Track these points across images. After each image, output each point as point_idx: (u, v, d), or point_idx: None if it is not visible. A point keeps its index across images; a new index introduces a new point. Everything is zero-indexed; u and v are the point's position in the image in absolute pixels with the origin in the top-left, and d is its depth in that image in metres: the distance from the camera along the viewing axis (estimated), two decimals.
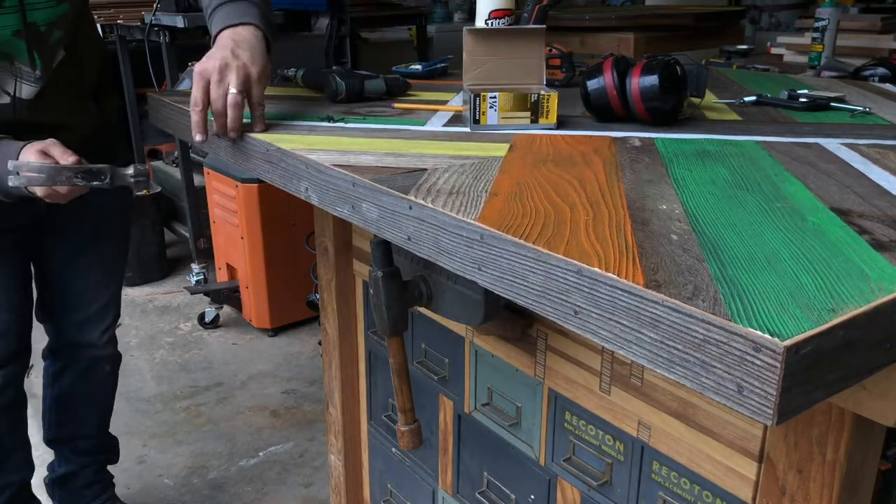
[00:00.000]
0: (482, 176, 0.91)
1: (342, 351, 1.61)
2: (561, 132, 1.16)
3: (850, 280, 0.60)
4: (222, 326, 3.11)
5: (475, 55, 1.25)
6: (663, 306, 0.57)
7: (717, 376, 0.54)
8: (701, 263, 0.64)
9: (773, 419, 0.51)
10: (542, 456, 1.17)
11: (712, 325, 0.54)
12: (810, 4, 4.23)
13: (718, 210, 0.78)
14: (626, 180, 0.89)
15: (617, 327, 0.61)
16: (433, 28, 4.72)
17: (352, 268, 1.56)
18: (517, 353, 1.17)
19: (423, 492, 1.49)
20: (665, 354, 0.58)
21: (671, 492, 0.97)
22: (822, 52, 2.44)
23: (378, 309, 1.11)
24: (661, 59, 1.16)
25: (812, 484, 0.79)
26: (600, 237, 0.70)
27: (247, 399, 2.58)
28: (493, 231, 0.72)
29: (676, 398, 0.93)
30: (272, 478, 2.18)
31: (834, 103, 1.34)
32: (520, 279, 0.70)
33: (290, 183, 1.05)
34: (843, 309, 0.55)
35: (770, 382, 0.51)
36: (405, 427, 1.15)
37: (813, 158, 1.00)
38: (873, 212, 0.78)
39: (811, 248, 0.68)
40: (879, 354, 0.58)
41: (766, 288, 0.59)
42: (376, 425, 1.62)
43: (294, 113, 1.32)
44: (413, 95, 1.51)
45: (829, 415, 0.76)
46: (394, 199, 0.85)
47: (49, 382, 1.77)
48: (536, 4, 1.46)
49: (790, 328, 0.52)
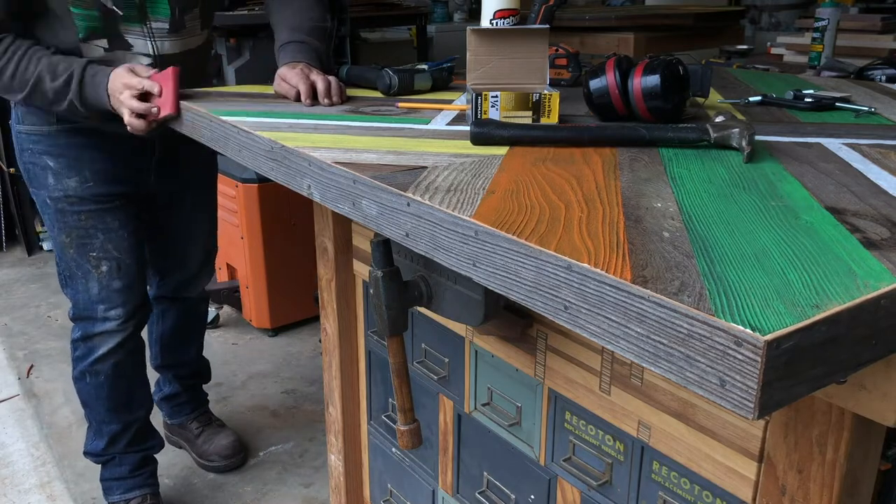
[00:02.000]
0: (481, 174, 0.92)
1: (342, 351, 1.61)
2: None
3: (836, 277, 0.61)
4: (222, 326, 3.11)
5: (479, 55, 1.25)
6: (649, 301, 0.58)
7: (701, 370, 0.55)
8: (690, 260, 0.64)
9: (755, 413, 0.52)
10: (542, 456, 1.17)
11: (696, 320, 0.55)
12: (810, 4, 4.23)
13: (713, 208, 0.79)
14: (623, 178, 0.90)
15: (605, 322, 0.62)
16: (433, 28, 4.72)
17: (352, 268, 1.56)
18: (517, 353, 1.17)
19: (423, 492, 1.49)
20: (651, 349, 0.58)
21: (671, 492, 0.97)
22: (822, 52, 2.44)
23: (378, 309, 1.11)
24: (663, 58, 1.16)
25: (812, 484, 0.79)
26: (593, 234, 0.70)
27: (247, 399, 2.58)
28: (487, 228, 0.73)
29: (676, 398, 0.93)
30: (272, 478, 2.18)
31: (839, 103, 1.34)
32: (513, 275, 0.70)
33: (294, 180, 1.06)
34: (828, 305, 0.55)
35: (751, 376, 0.52)
36: (405, 427, 1.15)
37: (813, 158, 1.00)
38: (868, 210, 0.78)
39: (802, 245, 0.68)
40: (865, 351, 0.58)
41: (752, 284, 0.59)
42: (376, 425, 1.61)
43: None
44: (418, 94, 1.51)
45: (829, 415, 0.76)
46: (392, 196, 0.85)
47: (154, 321, 2.11)
48: (543, 4, 1.46)
49: (772, 323, 0.53)
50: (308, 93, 1.41)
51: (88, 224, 1.68)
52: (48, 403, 2.54)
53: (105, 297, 1.73)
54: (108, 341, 1.76)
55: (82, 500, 2.06)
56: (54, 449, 2.29)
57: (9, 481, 2.15)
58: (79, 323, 1.78)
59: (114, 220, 1.70)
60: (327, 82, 1.43)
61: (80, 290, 1.73)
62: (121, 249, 1.72)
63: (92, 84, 1.46)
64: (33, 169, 1.67)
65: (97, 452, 1.93)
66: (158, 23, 1.55)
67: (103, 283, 1.72)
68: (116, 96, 1.43)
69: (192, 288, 2.07)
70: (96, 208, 1.68)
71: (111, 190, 1.69)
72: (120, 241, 1.71)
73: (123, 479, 1.95)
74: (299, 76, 1.43)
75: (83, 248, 1.69)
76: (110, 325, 1.75)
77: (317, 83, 1.42)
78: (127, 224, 1.73)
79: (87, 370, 1.80)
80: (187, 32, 1.61)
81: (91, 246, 1.69)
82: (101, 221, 1.69)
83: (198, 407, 2.27)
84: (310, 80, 1.43)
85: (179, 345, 2.15)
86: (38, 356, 2.85)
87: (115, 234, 1.70)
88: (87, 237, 1.69)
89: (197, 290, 2.10)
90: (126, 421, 1.89)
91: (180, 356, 2.17)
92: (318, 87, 1.42)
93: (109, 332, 1.75)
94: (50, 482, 2.15)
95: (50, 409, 2.50)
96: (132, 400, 1.89)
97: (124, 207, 1.72)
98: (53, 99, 1.48)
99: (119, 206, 1.71)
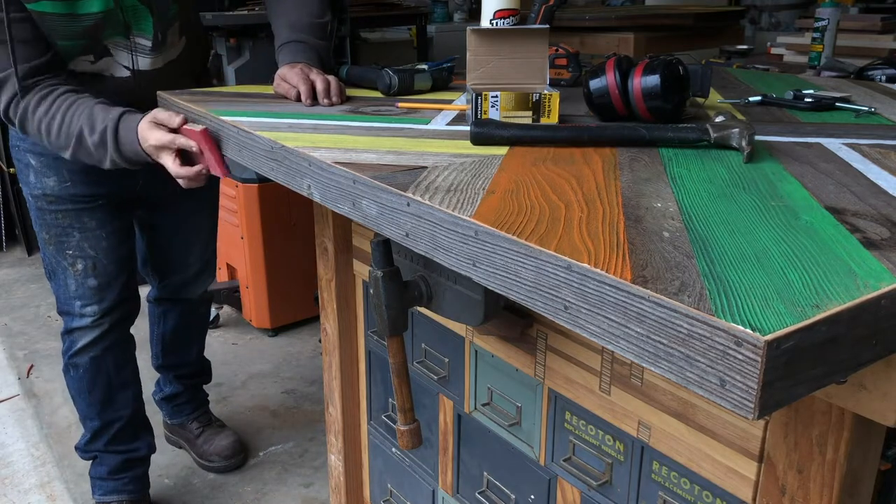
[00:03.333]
0: (481, 174, 0.91)
1: (342, 351, 1.61)
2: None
3: (837, 277, 0.61)
4: (222, 326, 3.11)
5: (479, 55, 1.24)
6: (649, 301, 0.58)
7: (701, 370, 0.55)
8: (690, 260, 0.64)
9: (755, 413, 0.52)
10: (542, 456, 1.17)
11: (696, 320, 0.55)
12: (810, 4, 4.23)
13: (713, 208, 0.79)
14: (623, 178, 0.90)
15: (605, 322, 0.62)
16: (433, 28, 4.71)
17: (352, 268, 1.56)
18: (517, 353, 1.17)
19: (423, 492, 1.49)
20: (651, 349, 0.58)
21: (671, 492, 0.97)
22: (822, 52, 2.44)
23: (378, 309, 1.11)
24: (663, 58, 1.16)
25: (812, 484, 0.79)
26: (593, 234, 0.70)
27: (247, 399, 2.58)
28: (487, 228, 0.73)
29: (676, 398, 0.93)
30: (272, 478, 2.18)
31: (839, 103, 1.34)
32: (512, 275, 0.70)
33: (294, 180, 1.06)
34: (828, 305, 0.55)
35: (751, 376, 0.52)
36: (405, 427, 1.15)
37: (813, 158, 1.00)
38: (868, 210, 0.78)
39: (802, 245, 0.68)
40: (865, 351, 0.58)
41: (752, 284, 0.59)
42: (376, 425, 1.61)
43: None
44: (418, 94, 1.51)
45: (829, 415, 0.76)
46: (392, 195, 0.85)
47: (155, 321, 2.12)
48: (543, 4, 1.46)
49: (772, 323, 0.52)
50: (308, 93, 1.41)
51: (65, 223, 1.68)
52: (48, 403, 2.54)
53: (81, 294, 1.74)
54: (84, 336, 1.78)
55: (82, 500, 2.06)
56: (54, 449, 2.29)
57: (9, 481, 2.15)
58: (63, 317, 1.80)
59: (91, 219, 1.69)
60: (327, 82, 1.43)
61: (60, 285, 1.75)
62: (97, 249, 1.71)
63: (126, 140, 1.41)
64: (19, 165, 1.69)
65: (81, 447, 1.95)
66: (142, 39, 1.55)
67: (79, 280, 1.73)
68: (155, 157, 1.40)
69: (192, 290, 2.07)
70: (73, 208, 1.67)
71: (90, 191, 1.68)
72: (97, 240, 1.71)
73: (103, 479, 1.95)
74: (299, 76, 1.43)
75: (60, 245, 1.70)
76: (86, 320, 1.77)
77: (316, 83, 1.42)
78: (106, 224, 1.72)
79: (69, 363, 1.83)
80: (167, 47, 1.61)
81: (67, 244, 1.70)
82: (77, 221, 1.69)
83: (198, 407, 2.27)
84: (309, 80, 1.43)
85: (181, 345, 2.16)
86: (38, 356, 2.85)
87: (91, 233, 1.70)
88: (64, 236, 1.69)
89: (197, 292, 2.10)
90: (107, 419, 1.89)
91: (181, 357, 2.18)
92: (317, 88, 1.42)
93: (85, 327, 1.77)
94: (50, 482, 2.15)
95: (50, 409, 2.51)
96: (113, 398, 1.88)
97: (105, 207, 1.71)
98: (96, 154, 1.45)
99: (99, 206, 1.70)
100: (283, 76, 1.47)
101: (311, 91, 1.42)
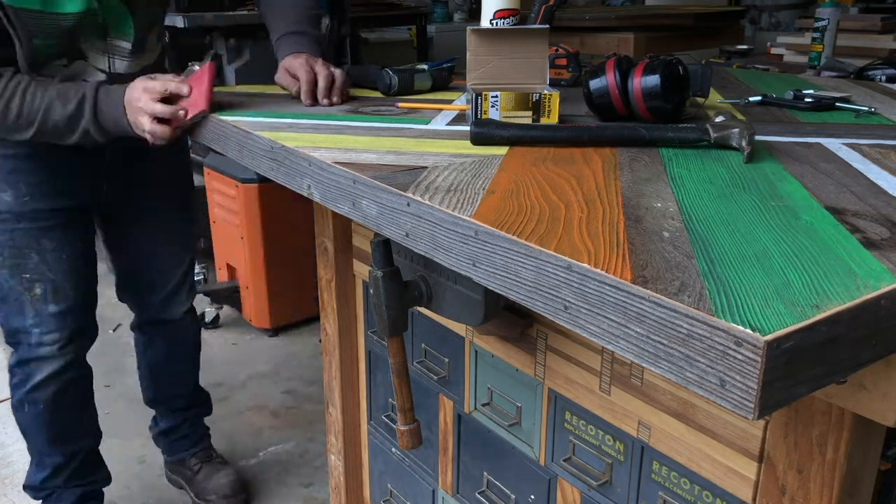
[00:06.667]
0: (481, 174, 0.91)
1: (342, 351, 1.61)
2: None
3: (837, 277, 0.61)
4: (222, 326, 3.11)
5: (479, 55, 1.24)
6: (649, 301, 0.58)
7: (701, 370, 0.55)
8: (690, 260, 0.64)
9: (755, 413, 0.52)
10: (542, 456, 1.17)
11: (696, 320, 0.55)
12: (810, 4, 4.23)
13: (713, 208, 0.79)
14: (623, 178, 0.90)
15: (605, 322, 0.62)
16: (433, 28, 4.72)
17: (352, 268, 1.56)
18: (517, 353, 1.17)
19: (423, 492, 1.49)
20: (651, 349, 0.58)
21: (671, 492, 0.97)
22: (822, 52, 2.44)
23: (378, 309, 1.11)
24: (663, 58, 1.16)
25: (812, 484, 0.79)
26: (593, 234, 0.70)
27: (247, 399, 2.58)
28: (487, 228, 0.73)
29: (676, 398, 0.93)
30: (272, 478, 2.18)
31: (839, 103, 1.34)
32: (512, 275, 0.70)
33: (294, 180, 1.06)
34: (828, 305, 0.55)
35: (751, 376, 0.52)
36: (405, 427, 1.15)
37: (813, 158, 1.00)
38: (868, 210, 0.78)
39: (802, 245, 0.68)
40: (865, 351, 0.58)
41: (752, 284, 0.59)
42: (376, 425, 1.61)
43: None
44: (418, 94, 1.51)
45: (829, 415, 0.76)
46: (392, 195, 0.85)
47: (142, 351, 1.97)
48: (543, 4, 1.46)
49: (772, 323, 0.53)
50: (309, 90, 1.39)
51: (22, 244, 1.54)
52: None
53: (40, 322, 1.59)
54: (44, 367, 1.63)
55: None
56: None
57: (9, 481, 2.15)
58: (14, 347, 1.65)
59: (51, 240, 1.56)
60: (330, 78, 1.40)
61: (13, 311, 1.59)
62: (57, 272, 1.58)
63: (107, 101, 1.35)
64: None
65: (35, 486, 1.80)
66: (121, 41, 1.47)
67: (37, 307, 1.58)
68: (134, 104, 1.32)
69: (172, 308, 1.88)
70: (32, 227, 1.54)
71: (51, 205, 1.54)
72: (57, 262, 1.57)
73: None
74: (304, 68, 1.40)
75: (16, 268, 1.56)
76: (45, 349, 1.62)
77: (319, 78, 1.39)
78: (66, 245, 1.58)
79: (25, 398, 1.67)
80: (146, 51, 1.55)
81: (24, 267, 1.56)
82: (35, 241, 1.55)
83: (198, 442, 2.09)
84: (313, 73, 1.40)
85: (171, 376, 1.99)
86: None
87: (50, 255, 1.56)
88: (21, 257, 1.55)
89: (179, 309, 1.89)
90: (69, 452, 1.76)
91: (174, 389, 2.01)
92: (319, 84, 1.39)
93: (46, 357, 1.63)
94: None
95: None
96: (76, 429, 1.75)
97: (66, 226, 1.58)
98: (65, 128, 1.36)
99: (60, 225, 1.57)
100: (288, 66, 1.43)
101: (312, 89, 1.39)
